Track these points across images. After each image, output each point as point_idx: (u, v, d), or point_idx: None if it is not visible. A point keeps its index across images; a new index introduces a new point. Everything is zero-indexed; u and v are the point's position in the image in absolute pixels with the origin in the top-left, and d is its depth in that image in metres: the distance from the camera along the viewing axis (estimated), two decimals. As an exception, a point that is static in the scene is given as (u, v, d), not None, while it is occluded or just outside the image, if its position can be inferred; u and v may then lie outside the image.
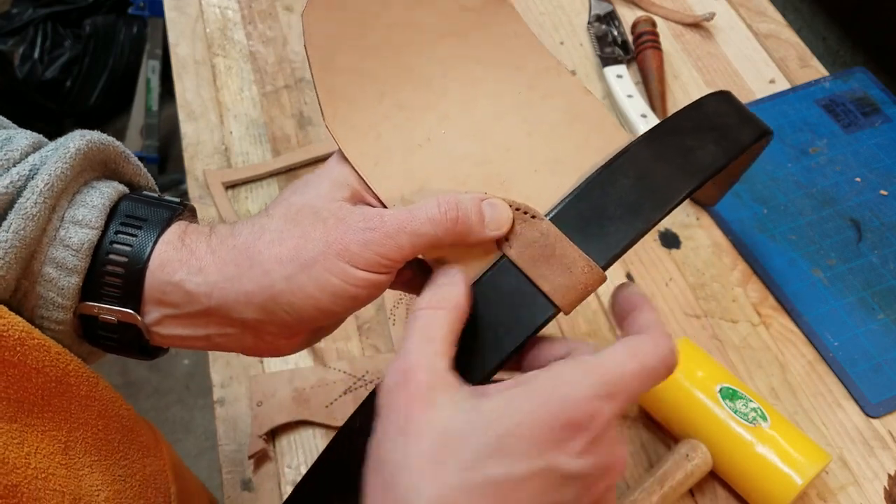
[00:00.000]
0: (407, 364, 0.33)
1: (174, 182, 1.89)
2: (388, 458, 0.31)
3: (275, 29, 0.90)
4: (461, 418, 0.31)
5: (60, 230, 0.35)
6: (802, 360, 0.64)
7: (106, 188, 0.37)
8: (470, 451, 0.30)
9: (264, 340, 0.39)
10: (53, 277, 0.35)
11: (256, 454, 0.60)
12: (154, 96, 1.87)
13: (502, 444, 0.30)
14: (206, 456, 1.55)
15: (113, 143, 0.39)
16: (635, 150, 0.38)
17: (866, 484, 0.58)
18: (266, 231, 0.37)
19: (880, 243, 0.70)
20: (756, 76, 0.83)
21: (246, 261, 0.36)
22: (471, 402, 0.32)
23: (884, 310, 0.66)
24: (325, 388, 0.62)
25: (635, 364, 0.33)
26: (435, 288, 0.36)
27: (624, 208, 0.37)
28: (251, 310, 0.37)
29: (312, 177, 0.39)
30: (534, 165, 0.40)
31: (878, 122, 0.78)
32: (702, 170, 0.38)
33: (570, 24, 0.89)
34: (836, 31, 0.92)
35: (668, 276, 0.69)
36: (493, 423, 0.31)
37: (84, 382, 0.37)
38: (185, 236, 0.37)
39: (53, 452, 0.34)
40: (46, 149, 0.36)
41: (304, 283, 0.36)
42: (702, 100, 0.40)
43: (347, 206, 0.37)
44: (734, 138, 0.39)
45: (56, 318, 0.36)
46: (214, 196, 0.75)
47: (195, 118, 0.82)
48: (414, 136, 0.40)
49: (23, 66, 1.91)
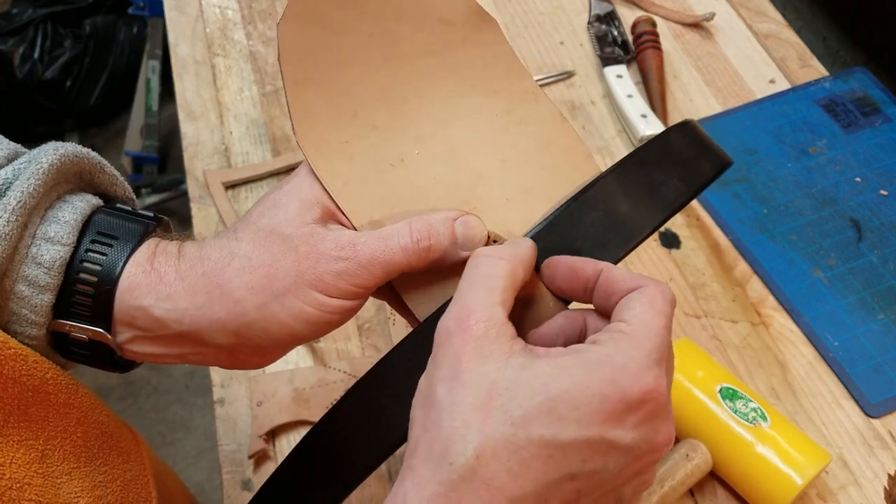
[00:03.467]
0: (467, 311, 0.33)
1: (174, 182, 1.88)
2: (437, 399, 0.32)
3: (275, 29, 0.90)
4: (512, 373, 0.31)
5: (32, 247, 0.35)
6: (802, 360, 0.64)
7: (79, 202, 0.37)
8: (519, 407, 0.30)
9: (238, 359, 0.39)
10: (26, 295, 0.35)
11: (256, 454, 0.60)
12: (154, 96, 1.87)
13: (552, 407, 0.30)
14: (206, 456, 1.55)
15: (87, 154, 0.39)
16: (604, 183, 0.39)
17: (866, 484, 0.58)
18: (235, 257, 0.37)
19: (880, 243, 0.70)
20: (756, 76, 0.83)
21: (216, 289, 0.36)
22: (522, 359, 0.32)
23: (884, 310, 0.66)
24: (325, 388, 0.62)
25: (662, 318, 0.33)
26: (497, 245, 0.36)
27: (591, 242, 0.37)
28: (224, 335, 0.37)
29: (280, 195, 0.38)
30: (505, 193, 0.40)
31: (878, 122, 0.78)
32: (667, 206, 0.38)
33: (570, 24, 0.89)
34: (836, 31, 0.92)
35: (668, 276, 0.69)
36: (546, 384, 0.31)
37: (63, 390, 0.37)
38: (154, 259, 0.37)
39: (30, 462, 0.34)
40: (19, 161, 0.36)
41: (276, 311, 0.36)
42: (665, 132, 0.41)
43: (319, 231, 0.37)
44: (697, 173, 0.40)
45: (29, 333, 0.36)
46: (214, 196, 0.75)
47: (195, 118, 0.82)
48: (386, 157, 0.40)
49: (23, 66, 1.91)
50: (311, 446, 0.39)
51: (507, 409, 0.30)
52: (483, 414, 0.30)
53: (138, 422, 1.59)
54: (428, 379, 0.33)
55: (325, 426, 0.38)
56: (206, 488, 1.49)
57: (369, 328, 0.66)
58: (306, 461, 0.39)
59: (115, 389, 1.61)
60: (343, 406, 0.38)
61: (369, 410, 0.36)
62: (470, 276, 0.34)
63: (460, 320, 0.32)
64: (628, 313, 0.33)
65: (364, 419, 0.36)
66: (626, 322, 0.33)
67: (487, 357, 0.31)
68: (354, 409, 0.37)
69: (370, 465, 0.37)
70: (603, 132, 0.80)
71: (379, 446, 0.36)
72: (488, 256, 0.34)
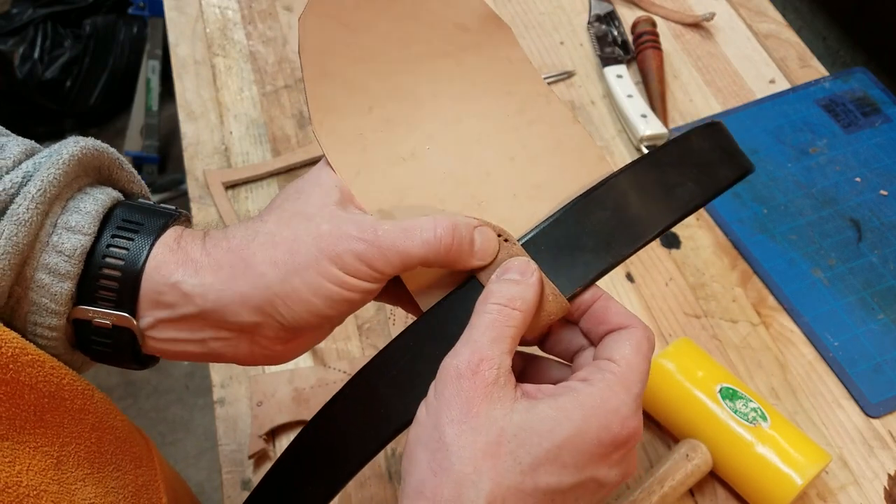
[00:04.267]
0: (479, 356, 0.34)
1: (174, 182, 1.89)
2: (445, 441, 0.33)
3: (275, 29, 0.90)
4: (518, 418, 0.33)
5: (53, 236, 0.35)
6: (802, 360, 0.64)
7: (100, 194, 0.37)
8: (528, 454, 0.32)
9: (260, 345, 0.39)
10: (46, 283, 0.35)
11: (256, 454, 0.60)
12: (154, 96, 1.87)
13: (557, 455, 0.33)
14: (206, 456, 1.55)
15: (107, 149, 0.39)
16: (615, 183, 0.38)
17: (866, 484, 0.58)
18: (259, 234, 0.37)
19: (880, 243, 0.70)
20: (756, 76, 0.83)
21: (240, 262, 0.37)
22: (525, 403, 0.34)
23: (884, 310, 0.66)
24: (325, 388, 0.62)
25: (646, 364, 0.36)
26: (511, 283, 0.37)
27: (597, 240, 0.37)
28: (246, 312, 0.37)
29: (302, 183, 0.40)
30: (513, 190, 0.40)
31: (878, 122, 0.78)
32: (678, 208, 0.38)
33: (570, 24, 0.89)
34: (836, 31, 0.92)
35: (668, 276, 0.69)
36: (552, 431, 0.33)
37: (78, 396, 0.37)
38: (181, 240, 0.38)
39: (46, 468, 0.34)
40: (40, 155, 0.36)
41: (298, 286, 0.36)
42: (689, 133, 0.40)
43: (340, 213, 0.38)
44: (714, 177, 0.39)
45: (49, 324, 0.36)
46: (214, 196, 0.75)
47: (195, 118, 0.82)
48: (399, 151, 0.41)
49: (23, 66, 1.91)
50: (309, 437, 0.39)
51: (517, 455, 0.32)
52: (493, 460, 0.32)
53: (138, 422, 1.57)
54: (433, 417, 0.34)
55: (323, 417, 0.39)
56: (206, 488, 1.49)
57: (369, 328, 0.66)
58: (304, 453, 0.39)
59: (115, 389, 1.61)
60: (341, 397, 0.38)
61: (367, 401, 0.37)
62: (483, 322, 0.35)
63: (472, 364, 0.34)
64: (618, 353, 0.36)
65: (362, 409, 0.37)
66: (616, 363, 0.35)
67: (496, 402, 0.33)
68: (352, 399, 0.38)
69: (367, 454, 0.37)
70: (603, 132, 0.80)
71: (375, 436, 0.37)
72: (504, 307, 0.36)
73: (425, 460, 0.33)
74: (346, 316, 0.39)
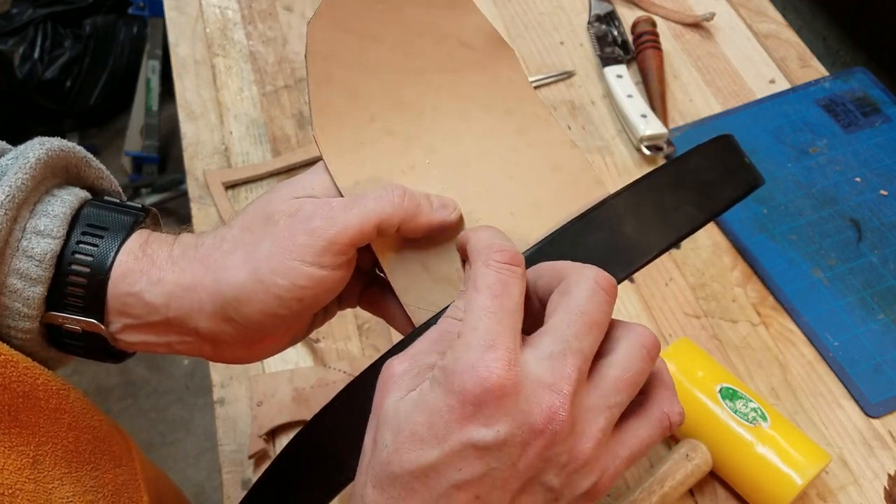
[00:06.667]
0: (398, 359, 0.35)
1: (174, 182, 1.88)
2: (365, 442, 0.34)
3: (275, 29, 0.90)
4: (391, 406, 0.33)
5: (23, 241, 0.35)
6: (802, 360, 0.64)
7: (67, 196, 0.37)
8: (391, 436, 0.32)
9: (220, 349, 0.39)
10: (18, 288, 0.35)
11: (256, 454, 0.60)
12: (154, 96, 1.87)
13: (413, 431, 0.31)
14: (206, 456, 1.55)
15: (73, 148, 0.39)
16: (611, 205, 0.38)
17: (866, 484, 0.58)
18: (224, 241, 0.38)
19: (880, 243, 0.70)
20: (756, 76, 0.83)
21: (201, 269, 0.37)
22: (412, 394, 0.33)
23: (884, 310, 0.66)
24: (325, 388, 0.62)
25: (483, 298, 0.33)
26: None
27: (591, 262, 0.37)
28: (204, 319, 0.37)
29: (279, 184, 0.40)
30: (510, 208, 0.41)
31: (878, 122, 0.78)
32: (674, 232, 0.38)
33: (570, 24, 0.89)
34: (836, 31, 0.92)
35: (668, 276, 0.69)
36: (409, 413, 0.32)
37: (53, 395, 0.37)
38: (147, 246, 0.38)
39: (21, 467, 0.34)
40: (6, 158, 0.36)
41: (251, 289, 0.36)
42: (691, 151, 0.40)
43: (297, 202, 0.38)
44: (715, 198, 0.39)
45: (22, 327, 0.36)
46: (214, 196, 0.75)
47: (195, 118, 0.82)
48: (398, 163, 0.41)
49: (23, 66, 1.91)
50: (305, 442, 0.39)
51: (384, 439, 0.32)
52: (372, 447, 0.33)
53: (138, 422, 1.59)
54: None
55: (319, 422, 0.39)
56: (206, 488, 1.49)
57: (369, 328, 0.66)
58: (299, 457, 0.39)
59: (115, 389, 1.61)
60: (337, 402, 0.38)
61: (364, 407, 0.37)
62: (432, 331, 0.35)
63: (399, 360, 0.34)
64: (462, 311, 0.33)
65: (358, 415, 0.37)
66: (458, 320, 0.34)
67: (390, 393, 0.33)
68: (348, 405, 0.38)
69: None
70: (603, 132, 0.80)
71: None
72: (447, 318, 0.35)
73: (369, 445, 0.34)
74: (300, 316, 0.38)
